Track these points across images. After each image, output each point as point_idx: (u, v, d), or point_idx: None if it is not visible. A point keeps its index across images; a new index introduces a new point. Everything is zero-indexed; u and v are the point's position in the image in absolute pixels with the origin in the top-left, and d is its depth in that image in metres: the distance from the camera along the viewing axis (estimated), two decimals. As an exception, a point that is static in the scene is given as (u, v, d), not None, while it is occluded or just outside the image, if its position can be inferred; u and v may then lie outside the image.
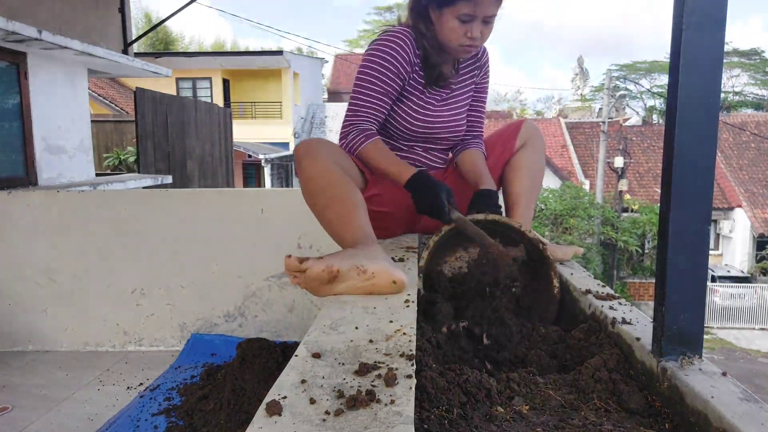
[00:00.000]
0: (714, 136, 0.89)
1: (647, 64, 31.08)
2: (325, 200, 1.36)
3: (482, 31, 1.50)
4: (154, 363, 2.32)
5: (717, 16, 0.85)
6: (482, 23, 1.49)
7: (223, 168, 9.78)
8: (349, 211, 1.32)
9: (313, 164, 1.37)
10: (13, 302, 2.50)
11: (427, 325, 1.24)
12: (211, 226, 2.50)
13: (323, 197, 1.36)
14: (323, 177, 1.35)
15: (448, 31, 1.51)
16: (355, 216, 1.32)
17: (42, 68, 5.36)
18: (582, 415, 0.93)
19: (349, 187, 1.36)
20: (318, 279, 1.09)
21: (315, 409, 0.68)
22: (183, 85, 17.29)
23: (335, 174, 1.36)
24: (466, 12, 1.46)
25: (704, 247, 0.90)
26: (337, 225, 1.33)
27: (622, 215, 16.25)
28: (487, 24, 1.51)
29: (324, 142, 1.46)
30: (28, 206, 2.49)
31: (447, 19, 1.50)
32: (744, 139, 19.95)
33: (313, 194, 1.38)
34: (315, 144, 1.42)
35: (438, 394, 0.93)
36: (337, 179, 1.36)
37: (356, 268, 1.11)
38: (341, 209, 1.33)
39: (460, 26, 1.49)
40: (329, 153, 1.41)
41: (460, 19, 1.48)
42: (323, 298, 1.14)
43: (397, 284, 1.12)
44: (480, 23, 1.49)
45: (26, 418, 1.83)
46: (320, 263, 1.09)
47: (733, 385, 0.86)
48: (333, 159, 1.40)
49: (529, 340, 1.27)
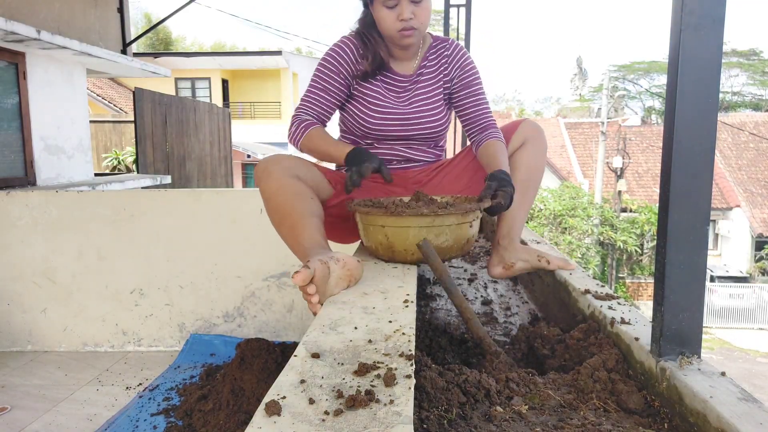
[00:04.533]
0: (713, 136, 0.89)
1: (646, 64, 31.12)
2: (279, 217, 1.40)
3: (414, 11, 1.52)
4: (153, 363, 2.32)
5: (716, 16, 0.85)
6: (411, 3, 1.51)
7: (222, 168, 9.78)
8: (297, 222, 1.35)
9: (267, 184, 1.41)
10: (12, 302, 2.50)
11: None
12: (210, 227, 2.50)
13: (277, 215, 1.40)
14: (276, 195, 1.39)
15: (382, 21, 1.55)
16: (304, 226, 1.34)
17: (41, 68, 5.36)
18: (581, 415, 0.93)
19: (300, 198, 1.39)
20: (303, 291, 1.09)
21: (314, 409, 0.68)
22: (182, 85, 17.28)
23: (287, 189, 1.39)
24: None
25: (703, 247, 0.90)
26: (291, 239, 1.36)
27: (621, 215, 16.26)
28: (417, 3, 1.52)
29: (280, 158, 1.48)
30: (27, 206, 2.49)
31: (378, 10, 1.54)
32: (743, 139, 19.97)
33: (270, 212, 1.42)
34: (270, 163, 1.45)
35: (437, 394, 0.93)
36: (290, 193, 1.39)
37: (329, 259, 1.13)
38: (291, 222, 1.36)
39: (389, 12, 1.52)
40: (284, 169, 1.44)
41: (386, 6, 1.51)
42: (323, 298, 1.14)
43: (360, 263, 1.20)
44: (408, 3, 1.50)
45: (25, 418, 1.83)
46: (315, 263, 1.09)
47: (732, 385, 0.86)
48: (288, 174, 1.43)
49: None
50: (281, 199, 1.39)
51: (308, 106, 1.65)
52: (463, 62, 1.72)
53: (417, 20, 1.53)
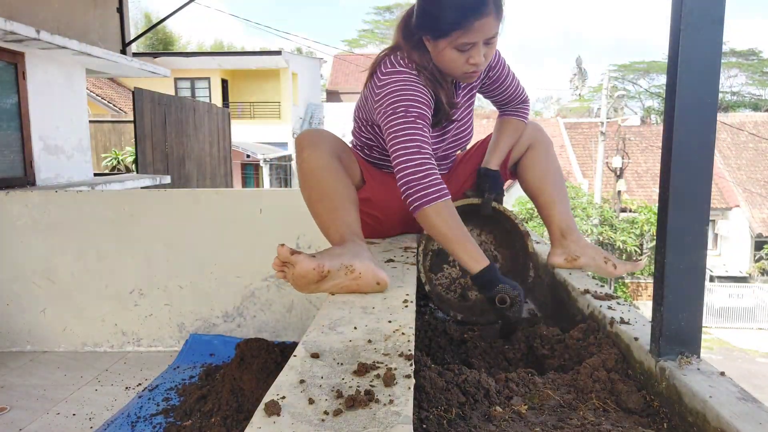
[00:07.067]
0: (712, 136, 0.89)
1: (645, 65, 31.15)
2: (318, 193, 1.37)
3: (485, 53, 1.36)
4: (152, 363, 2.32)
5: (715, 16, 0.85)
6: (484, 45, 1.35)
7: (221, 168, 9.77)
8: (339, 206, 1.33)
9: (312, 156, 1.37)
10: (12, 302, 2.49)
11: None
12: (209, 227, 2.50)
13: (317, 190, 1.37)
14: (321, 170, 1.36)
15: (449, 61, 1.37)
16: (344, 212, 1.32)
17: (40, 68, 5.36)
18: (580, 415, 0.93)
19: (343, 183, 1.37)
20: (306, 277, 1.10)
21: (314, 410, 0.68)
22: (181, 85, 17.28)
23: (333, 169, 1.37)
24: (463, 41, 1.32)
25: (702, 247, 0.90)
26: (326, 219, 1.34)
27: (621, 215, 16.27)
28: (489, 45, 1.36)
29: (326, 133, 1.46)
30: (26, 206, 2.49)
31: (444, 49, 1.36)
32: (742, 139, 19.97)
33: (308, 186, 1.39)
34: (318, 135, 1.42)
35: (437, 394, 0.93)
36: (334, 174, 1.37)
37: (344, 267, 1.13)
38: (331, 204, 1.34)
39: (460, 55, 1.35)
40: (331, 146, 1.41)
41: (458, 49, 1.34)
42: (322, 298, 1.14)
43: (380, 285, 1.15)
44: (481, 46, 1.34)
45: (24, 418, 1.83)
46: (311, 261, 1.09)
47: (731, 385, 0.86)
48: (334, 153, 1.40)
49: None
50: (325, 176, 1.35)
51: (423, 146, 1.31)
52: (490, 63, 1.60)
53: (486, 62, 1.38)
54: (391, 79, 1.38)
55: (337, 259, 1.13)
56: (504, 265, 1.69)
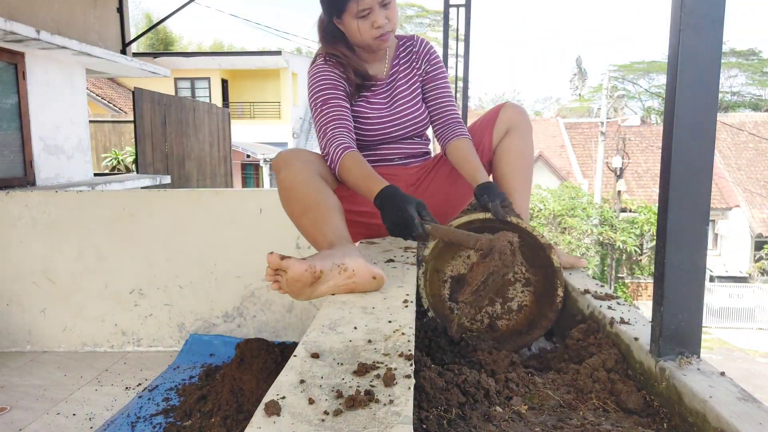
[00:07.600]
0: (712, 136, 0.89)
1: (645, 64, 31.15)
2: (300, 207, 1.39)
3: (386, 15, 1.53)
4: (152, 363, 2.32)
5: (715, 16, 0.85)
6: (381, 8, 1.51)
7: (221, 168, 9.78)
8: (322, 216, 1.35)
9: (290, 174, 1.41)
10: (11, 302, 2.50)
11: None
12: (209, 227, 2.50)
13: (299, 205, 1.39)
14: (299, 185, 1.39)
15: (357, 32, 1.54)
16: (329, 220, 1.34)
17: (40, 68, 5.36)
18: (580, 415, 0.93)
19: (324, 193, 1.39)
20: (300, 280, 1.09)
21: (314, 410, 0.68)
22: (181, 85, 17.28)
23: (310, 181, 1.40)
24: (361, 8, 1.49)
25: (702, 247, 0.90)
26: (313, 230, 1.36)
27: (621, 215, 16.27)
28: (386, 7, 1.52)
29: (300, 152, 1.50)
30: (26, 206, 2.49)
31: (349, 22, 1.54)
32: (742, 139, 19.97)
33: (290, 203, 1.42)
34: (291, 154, 1.47)
35: (436, 394, 0.93)
36: (314, 186, 1.39)
37: (337, 267, 1.13)
38: (315, 215, 1.36)
39: (363, 22, 1.52)
40: (305, 162, 1.44)
41: (359, 16, 1.51)
42: (323, 298, 1.14)
43: (376, 279, 1.15)
44: (379, 9, 1.51)
45: (24, 418, 1.83)
46: (303, 263, 1.09)
47: (732, 385, 0.86)
48: (309, 167, 1.43)
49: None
50: (304, 191, 1.38)
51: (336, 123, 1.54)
52: (429, 56, 1.76)
53: (390, 23, 1.55)
54: (309, 77, 1.63)
55: (329, 260, 1.13)
56: (538, 289, 1.49)
